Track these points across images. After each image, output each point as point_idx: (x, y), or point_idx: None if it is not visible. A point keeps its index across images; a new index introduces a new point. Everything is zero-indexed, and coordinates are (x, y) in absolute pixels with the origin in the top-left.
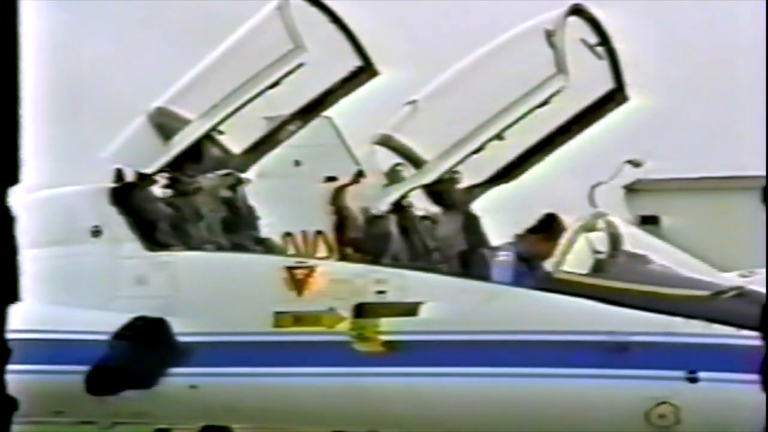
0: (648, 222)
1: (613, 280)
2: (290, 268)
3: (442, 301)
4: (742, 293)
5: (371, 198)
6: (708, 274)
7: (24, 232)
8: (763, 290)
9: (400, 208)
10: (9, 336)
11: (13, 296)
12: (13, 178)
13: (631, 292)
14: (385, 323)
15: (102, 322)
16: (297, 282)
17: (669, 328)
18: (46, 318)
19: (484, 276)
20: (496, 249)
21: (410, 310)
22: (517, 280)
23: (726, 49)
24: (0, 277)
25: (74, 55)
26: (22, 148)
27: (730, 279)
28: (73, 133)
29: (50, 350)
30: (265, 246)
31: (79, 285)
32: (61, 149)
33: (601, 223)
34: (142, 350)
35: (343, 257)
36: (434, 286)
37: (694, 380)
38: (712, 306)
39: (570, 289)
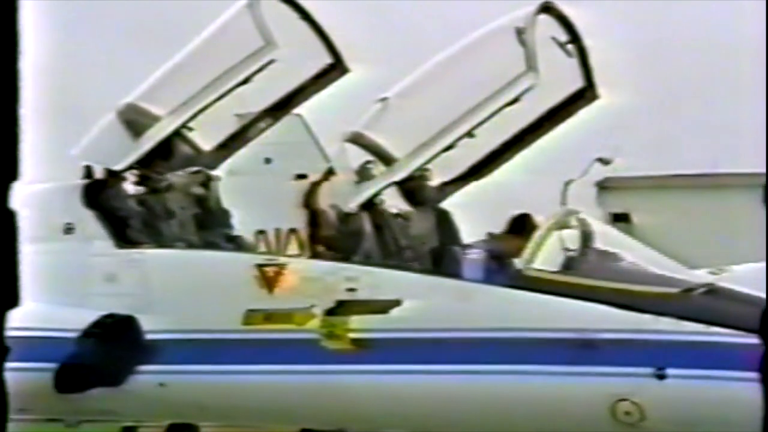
0: (619, 219)
1: (583, 277)
2: (261, 266)
3: (412, 299)
4: (711, 290)
5: (342, 196)
6: (677, 272)
7: None
8: (732, 287)
9: (371, 205)
10: None
11: (13, 298)
12: (12, 174)
13: (600, 289)
14: (356, 321)
15: (72, 319)
16: (268, 280)
17: (638, 325)
18: (18, 315)
19: (455, 273)
20: (468, 246)
21: (381, 307)
22: (489, 278)
23: (697, 48)
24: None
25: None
26: (21, 144)
27: (700, 276)
28: (48, 131)
29: (19, 347)
30: (237, 244)
31: (52, 282)
32: (36, 146)
33: (573, 221)
34: (111, 348)
35: (315, 255)
36: (405, 283)
37: (662, 377)
38: (681, 303)
39: (541, 287)
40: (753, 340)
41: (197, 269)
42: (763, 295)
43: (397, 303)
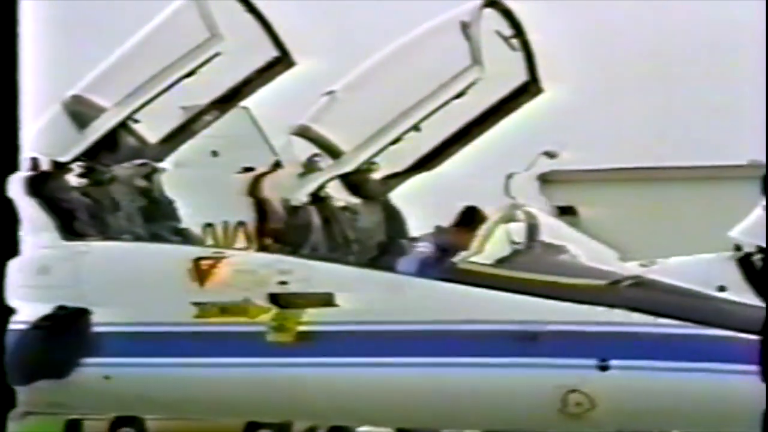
0: (565, 213)
1: (525, 270)
2: (197, 259)
3: (349, 292)
4: (637, 282)
5: (288, 189)
6: (614, 264)
7: None
8: (662, 279)
9: (317, 198)
10: None
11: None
12: (12, 166)
13: (540, 282)
14: (298, 314)
15: (20, 311)
16: (201, 273)
17: (579, 317)
18: None
19: (397, 267)
20: (413, 240)
21: (318, 300)
22: (431, 272)
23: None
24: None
25: None
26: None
27: (633, 268)
28: None
29: None
30: (184, 236)
31: None
32: None
33: (519, 214)
34: (59, 340)
35: (262, 248)
36: (340, 277)
37: (605, 368)
38: (618, 294)
39: (482, 281)
40: (690, 330)
41: (139, 262)
42: (696, 287)
43: (335, 296)
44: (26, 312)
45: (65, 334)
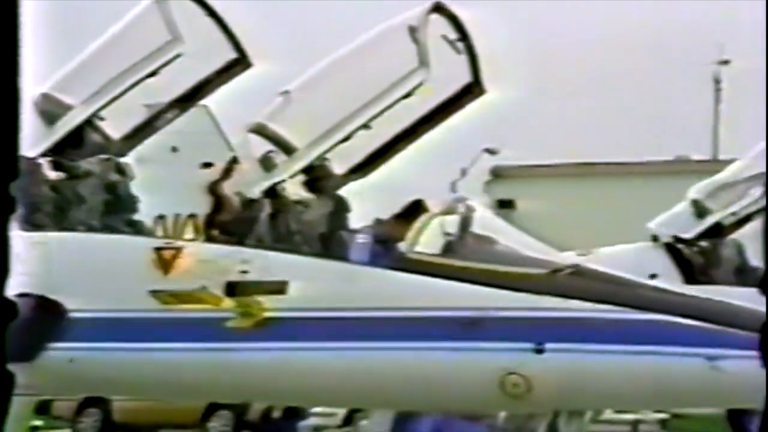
0: (505, 206)
1: (470, 260)
2: (159, 249)
3: (304, 281)
4: (576, 271)
5: (244, 183)
6: (551, 254)
7: None
8: (598, 268)
9: (271, 193)
10: None
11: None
12: (12, 173)
13: (485, 271)
14: (260, 301)
15: None
16: (165, 262)
17: (518, 304)
18: None
19: (346, 257)
20: (361, 232)
21: (275, 288)
22: (379, 261)
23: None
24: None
25: None
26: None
27: (570, 258)
28: None
29: None
30: (138, 228)
31: None
32: None
33: (460, 208)
34: (25, 325)
35: (212, 239)
36: (296, 266)
37: (540, 351)
38: (552, 282)
39: (427, 269)
40: (621, 315)
41: (101, 252)
42: (628, 276)
43: (290, 284)
44: None
45: (31, 320)
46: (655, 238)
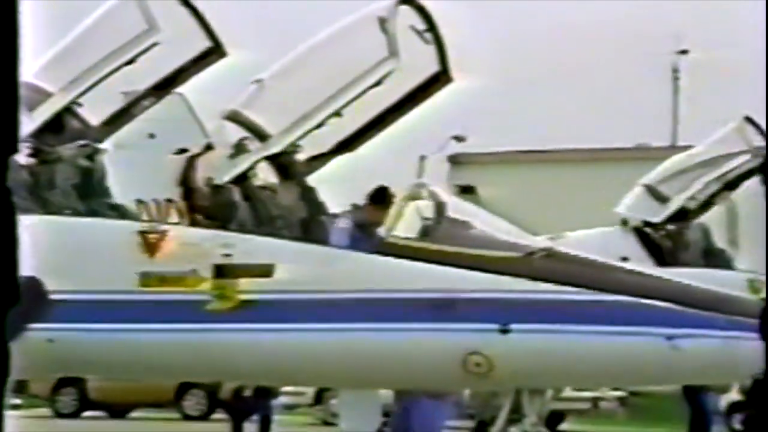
0: (466, 191)
1: (437, 243)
2: (143, 233)
3: (285, 264)
4: (549, 254)
5: (219, 169)
6: (520, 237)
7: None
8: (569, 251)
9: (245, 178)
10: None
11: (12, 293)
12: (12, 147)
13: (452, 254)
14: (238, 284)
15: None
16: (150, 245)
17: (487, 286)
18: None
19: (322, 241)
20: (335, 216)
21: (258, 272)
22: (357, 245)
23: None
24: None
25: None
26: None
27: (540, 241)
28: None
29: None
30: (119, 212)
31: None
32: None
33: (424, 193)
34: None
35: (193, 223)
36: (277, 250)
37: (506, 331)
38: (522, 265)
39: (403, 253)
40: (584, 296)
41: (83, 235)
42: (594, 257)
43: (273, 267)
44: None
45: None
46: (624, 222)
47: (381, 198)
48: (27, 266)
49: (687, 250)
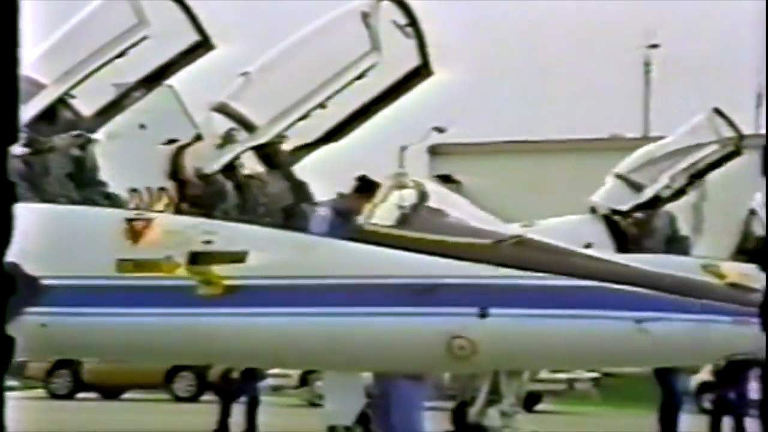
0: (446, 181)
1: (417, 231)
2: (130, 220)
3: (266, 251)
4: (519, 241)
5: (207, 158)
6: (495, 225)
7: None
8: (540, 238)
9: (232, 168)
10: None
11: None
12: (11, 137)
13: (434, 241)
14: (223, 270)
15: None
16: (134, 232)
17: (464, 272)
18: None
19: (304, 228)
20: (318, 205)
21: (231, 258)
22: (336, 233)
23: (518, 31)
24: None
25: None
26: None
27: (513, 228)
28: None
29: None
30: (112, 200)
31: None
32: None
33: (405, 182)
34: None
35: (178, 211)
36: (258, 237)
37: (484, 316)
38: (497, 252)
39: (382, 240)
40: (557, 281)
41: (74, 222)
42: (562, 244)
43: (252, 254)
44: None
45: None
46: (593, 210)
47: (366, 187)
48: (17, 253)
49: (651, 237)
